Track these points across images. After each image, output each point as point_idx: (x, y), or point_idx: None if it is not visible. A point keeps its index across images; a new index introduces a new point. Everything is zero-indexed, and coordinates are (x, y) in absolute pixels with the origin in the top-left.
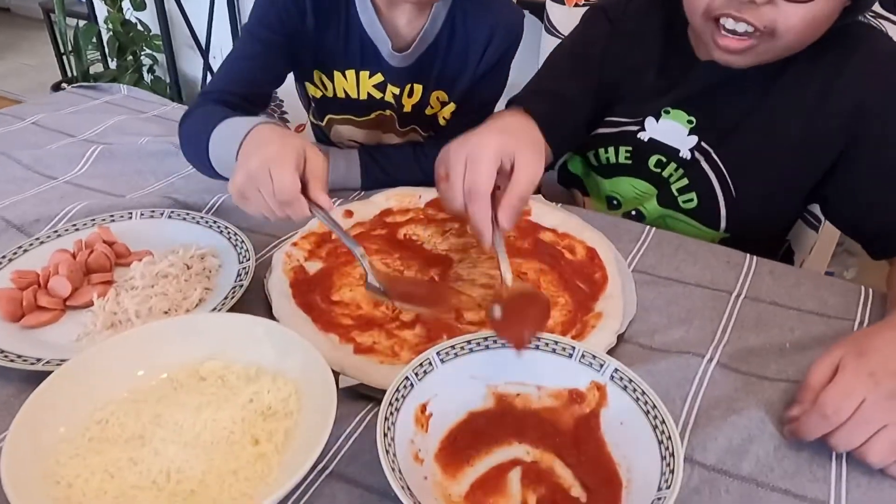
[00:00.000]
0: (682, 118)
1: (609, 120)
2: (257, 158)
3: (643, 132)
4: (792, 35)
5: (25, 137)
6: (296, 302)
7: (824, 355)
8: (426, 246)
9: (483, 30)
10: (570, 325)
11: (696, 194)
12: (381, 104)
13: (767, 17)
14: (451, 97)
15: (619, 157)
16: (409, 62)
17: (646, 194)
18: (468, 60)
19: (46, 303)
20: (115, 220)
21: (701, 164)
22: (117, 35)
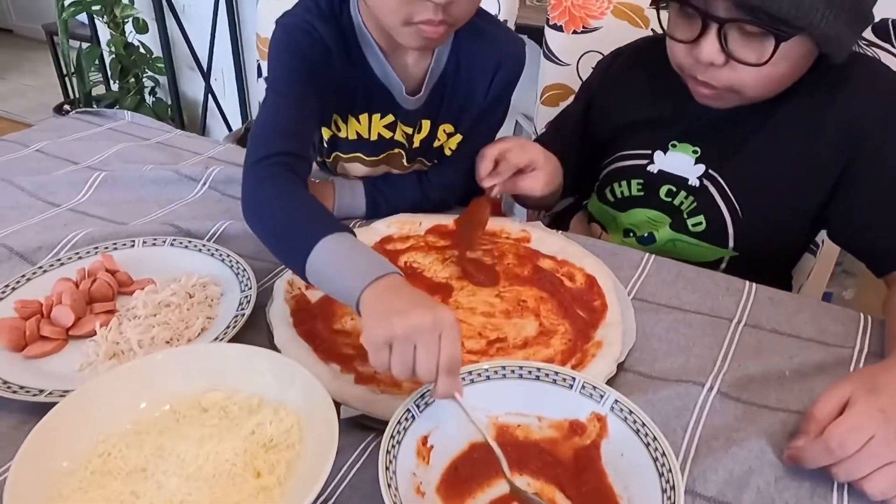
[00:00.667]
0: (688, 149)
1: (621, 155)
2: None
3: (652, 165)
4: (754, 91)
5: (29, 164)
6: (297, 331)
7: (832, 388)
8: (426, 273)
9: (488, 62)
10: (570, 354)
11: (705, 217)
12: (391, 143)
13: (725, 78)
14: (458, 129)
15: (631, 190)
16: (420, 103)
17: (658, 222)
18: (475, 93)
19: (49, 332)
20: (118, 247)
21: (709, 190)
22: (120, 58)
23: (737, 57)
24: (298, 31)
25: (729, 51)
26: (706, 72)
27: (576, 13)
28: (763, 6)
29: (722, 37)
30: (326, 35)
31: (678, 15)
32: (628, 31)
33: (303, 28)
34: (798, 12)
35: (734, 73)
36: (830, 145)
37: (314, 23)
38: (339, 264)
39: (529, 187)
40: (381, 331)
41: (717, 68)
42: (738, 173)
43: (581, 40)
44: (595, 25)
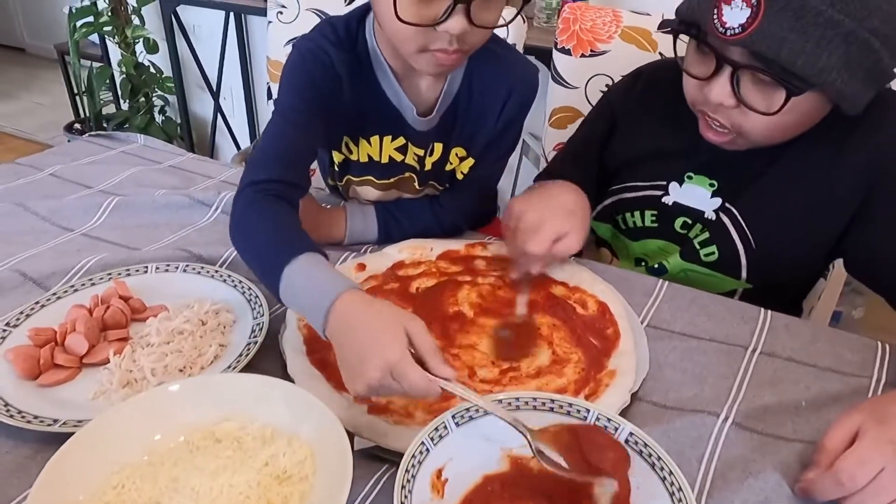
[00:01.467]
0: (705, 182)
1: (632, 185)
2: (374, 368)
3: (667, 196)
4: (762, 137)
5: (43, 189)
6: (310, 359)
7: (843, 418)
8: (439, 297)
9: (501, 87)
10: (583, 384)
11: (717, 248)
12: (402, 167)
13: (735, 120)
14: (470, 153)
15: (645, 221)
16: (432, 125)
17: (668, 252)
18: (487, 117)
19: (63, 361)
20: (131, 273)
21: (724, 223)
22: (130, 77)
23: (747, 102)
24: (311, 57)
25: (740, 95)
26: (716, 111)
27: (583, 37)
28: (778, 59)
29: (735, 80)
30: (340, 60)
31: (695, 50)
32: (636, 55)
33: (315, 53)
34: (812, 70)
35: (743, 116)
36: (847, 179)
37: (328, 48)
38: (301, 291)
39: (564, 252)
40: (352, 390)
41: (727, 109)
42: (754, 207)
43: (589, 64)
44: (603, 49)
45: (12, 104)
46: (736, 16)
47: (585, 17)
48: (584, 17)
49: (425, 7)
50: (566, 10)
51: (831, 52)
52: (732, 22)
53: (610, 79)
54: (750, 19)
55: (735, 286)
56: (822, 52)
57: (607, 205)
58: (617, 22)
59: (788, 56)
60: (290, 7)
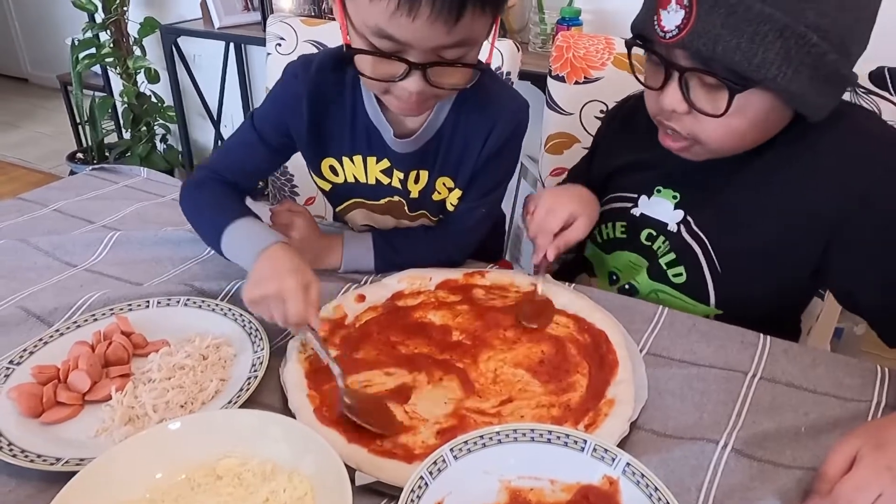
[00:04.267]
0: (669, 194)
1: (611, 197)
2: (274, 286)
3: (636, 208)
4: (715, 143)
5: (46, 225)
6: (310, 394)
7: (841, 444)
8: (438, 327)
9: (485, 120)
10: (582, 413)
11: (684, 268)
12: (390, 190)
13: (688, 127)
14: (457, 183)
15: (615, 232)
16: (412, 149)
17: (637, 266)
18: (470, 149)
19: (66, 398)
20: (133, 308)
21: (685, 238)
22: (132, 107)
23: (697, 106)
24: (284, 81)
25: (690, 100)
26: (670, 119)
27: (577, 64)
28: (714, 57)
29: (683, 85)
30: (308, 82)
31: (648, 62)
32: (629, 82)
33: (288, 79)
34: (750, 66)
35: (696, 122)
36: (819, 206)
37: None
38: (238, 244)
39: (574, 237)
40: (244, 294)
41: (680, 116)
42: (714, 223)
43: (583, 90)
44: (596, 76)
45: (15, 134)
46: (672, 18)
47: (579, 44)
48: (578, 45)
49: (383, 65)
50: (559, 38)
51: (767, 48)
52: (669, 25)
53: (604, 105)
54: (684, 20)
55: (706, 312)
56: (758, 48)
57: None
58: (609, 49)
59: (724, 53)
60: (289, 39)
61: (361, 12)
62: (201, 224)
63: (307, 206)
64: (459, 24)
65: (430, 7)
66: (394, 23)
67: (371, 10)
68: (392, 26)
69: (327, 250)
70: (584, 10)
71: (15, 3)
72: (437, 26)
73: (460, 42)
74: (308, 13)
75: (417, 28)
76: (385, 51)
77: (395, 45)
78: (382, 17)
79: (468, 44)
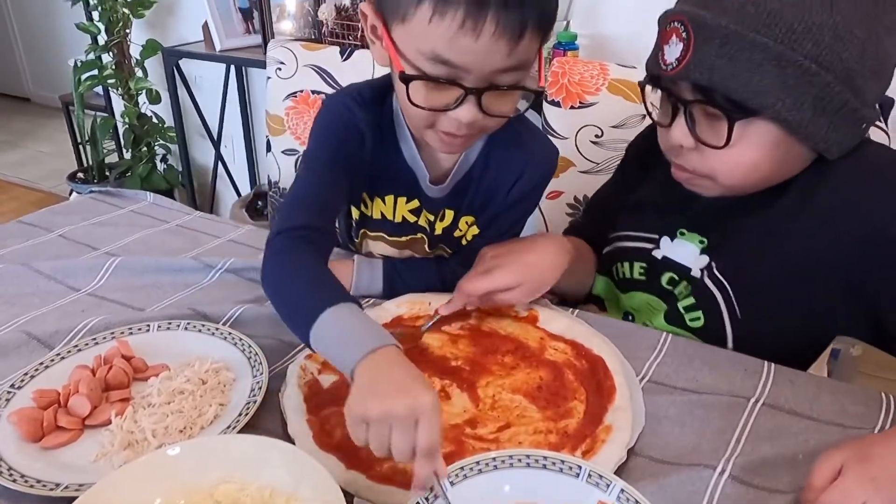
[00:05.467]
0: (695, 239)
1: (627, 234)
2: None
3: (658, 250)
4: (726, 178)
5: (51, 250)
6: (309, 419)
7: (827, 456)
8: (436, 353)
9: (514, 166)
10: (580, 440)
11: (703, 313)
12: (415, 228)
13: (695, 162)
14: (478, 222)
15: (634, 273)
16: (444, 193)
17: (655, 309)
18: (498, 192)
19: (66, 423)
20: (133, 332)
21: (708, 285)
22: (133, 128)
23: (702, 140)
24: (336, 113)
25: (696, 134)
26: (679, 155)
27: (572, 90)
28: (712, 86)
29: (689, 119)
30: (364, 121)
31: (659, 100)
32: (623, 106)
33: (340, 111)
34: (747, 94)
35: (703, 157)
36: (842, 249)
37: (353, 108)
38: (338, 335)
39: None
40: (359, 409)
41: (688, 151)
42: (736, 269)
43: (578, 115)
44: (591, 101)
45: (17, 153)
46: (673, 51)
47: (574, 70)
48: (573, 71)
49: (437, 93)
50: (555, 64)
51: (763, 76)
52: (670, 58)
53: (599, 129)
54: (683, 52)
55: None
56: (753, 76)
57: (606, 253)
58: (604, 75)
59: (720, 81)
60: (289, 63)
61: (417, 38)
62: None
63: None
64: (519, 45)
65: (495, 25)
66: (455, 45)
67: (430, 33)
68: (452, 49)
69: (338, 274)
70: (581, 34)
71: (18, 23)
72: (498, 46)
73: (516, 66)
74: (309, 37)
75: (479, 49)
76: (440, 77)
77: (451, 71)
78: (443, 39)
79: (523, 68)
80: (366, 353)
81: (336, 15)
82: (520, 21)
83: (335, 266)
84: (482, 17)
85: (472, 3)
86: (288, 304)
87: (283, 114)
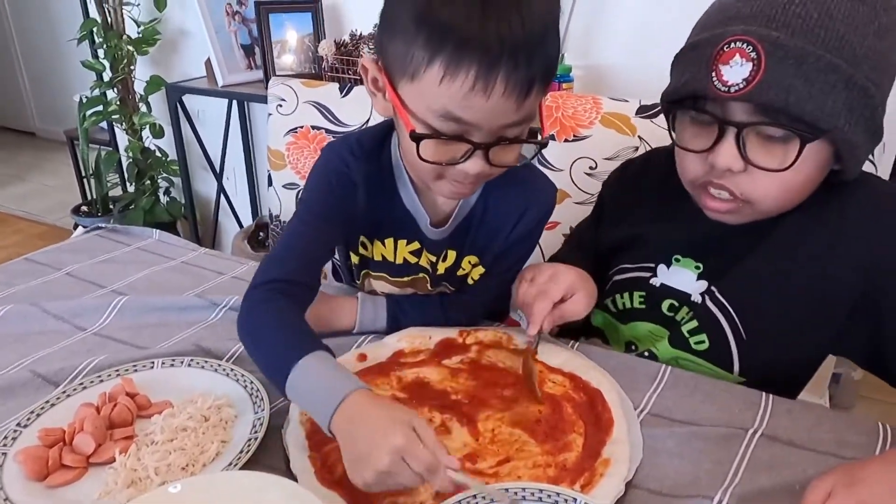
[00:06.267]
0: (691, 264)
1: (623, 267)
2: (383, 453)
3: (655, 278)
4: (769, 202)
5: (58, 289)
6: (311, 456)
7: (818, 482)
8: (437, 387)
9: (514, 207)
10: (578, 473)
11: (707, 336)
12: (416, 268)
13: (744, 186)
14: (482, 262)
15: (633, 302)
16: (445, 235)
17: (657, 336)
18: (499, 232)
19: (71, 461)
20: (138, 369)
21: (710, 308)
22: (137, 162)
23: (756, 163)
24: (332, 165)
25: (747, 157)
26: (722, 178)
27: (566, 123)
28: (786, 108)
29: (740, 142)
30: (359, 172)
31: (691, 124)
32: (616, 139)
33: (336, 164)
34: (822, 115)
35: (751, 180)
36: (844, 274)
37: (349, 160)
38: (309, 390)
39: (573, 312)
40: (358, 480)
41: (734, 175)
42: (740, 292)
43: (572, 148)
44: (585, 134)
45: (22, 186)
46: (737, 72)
47: (567, 104)
48: (567, 105)
49: (446, 148)
50: (549, 98)
51: (836, 98)
52: (735, 78)
53: (593, 161)
54: (753, 73)
55: (728, 379)
56: (828, 98)
57: (603, 287)
58: (597, 108)
59: (797, 103)
60: (289, 100)
61: (427, 96)
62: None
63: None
64: (526, 101)
65: (505, 84)
66: (466, 104)
67: (441, 92)
68: (463, 107)
69: (342, 312)
70: (575, 66)
71: (24, 59)
72: (508, 104)
73: (524, 119)
74: (309, 71)
75: (489, 108)
76: (450, 133)
77: (460, 128)
78: (454, 98)
79: (529, 120)
80: (335, 406)
81: (336, 51)
82: (528, 79)
83: (339, 303)
84: (493, 78)
85: (483, 65)
86: (264, 356)
87: (284, 149)
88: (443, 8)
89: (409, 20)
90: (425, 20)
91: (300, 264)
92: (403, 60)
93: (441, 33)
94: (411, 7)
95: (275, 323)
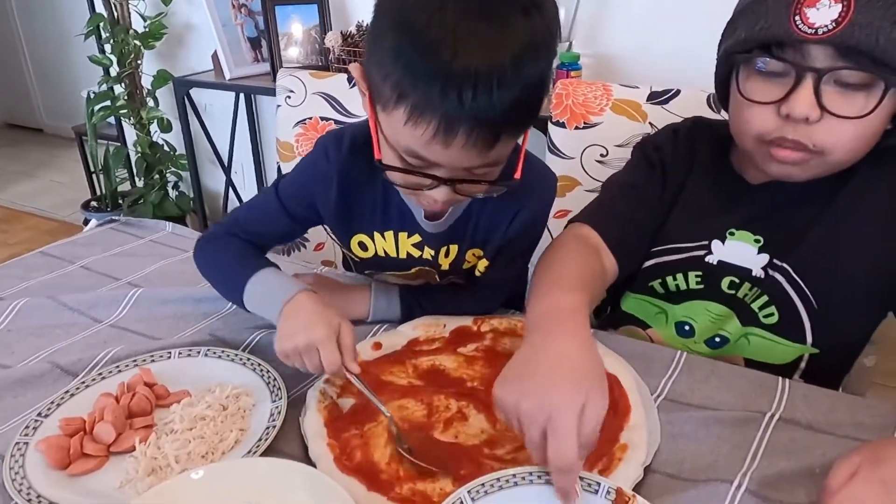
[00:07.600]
0: (749, 238)
1: (673, 247)
2: (304, 338)
3: (710, 255)
4: (841, 153)
5: (74, 281)
6: (329, 443)
7: (843, 460)
8: (453, 375)
9: (512, 203)
10: (596, 459)
11: (777, 308)
12: (420, 262)
13: (817, 136)
14: (485, 254)
15: (689, 283)
16: (442, 228)
17: (722, 317)
18: (499, 225)
19: (92, 450)
20: (156, 360)
21: (777, 280)
22: (145, 156)
23: (834, 111)
24: (315, 157)
25: (824, 105)
26: (796, 130)
27: (577, 111)
28: (874, 51)
29: (817, 90)
30: (342, 164)
31: (759, 75)
32: (627, 125)
33: (319, 157)
34: None
35: (826, 130)
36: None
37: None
38: (263, 293)
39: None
40: (278, 347)
41: (809, 126)
42: (807, 262)
43: (583, 135)
44: (595, 121)
45: (31, 183)
46: (825, 14)
47: (578, 91)
48: (577, 92)
49: (412, 178)
50: (559, 86)
51: None
52: (822, 20)
53: (604, 148)
54: (842, 14)
55: (801, 352)
56: None
57: (644, 269)
58: (608, 95)
59: (886, 45)
60: (298, 92)
61: (395, 133)
62: (220, 278)
63: (317, 253)
64: (492, 151)
65: (465, 139)
66: (428, 148)
67: (405, 132)
68: (426, 150)
69: (354, 301)
70: (583, 54)
71: (31, 55)
72: (471, 154)
73: (492, 163)
74: (315, 63)
75: (452, 154)
76: (415, 167)
77: (424, 164)
78: (417, 142)
79: (499, 163)
80: (281, 303)
81: (342, 42)
82: (492, 134)
83: (352, 291)
84: (453, 133)
85: (443, 121)
86: (221, 279)
87: (294, 140)
88: (414, 54)
89: (386, 53)
90: (398, 60)
91: (254, 233)
92: (379, 89)
93: (411, 80)
94: (392, 38)
95: (234, 251)
